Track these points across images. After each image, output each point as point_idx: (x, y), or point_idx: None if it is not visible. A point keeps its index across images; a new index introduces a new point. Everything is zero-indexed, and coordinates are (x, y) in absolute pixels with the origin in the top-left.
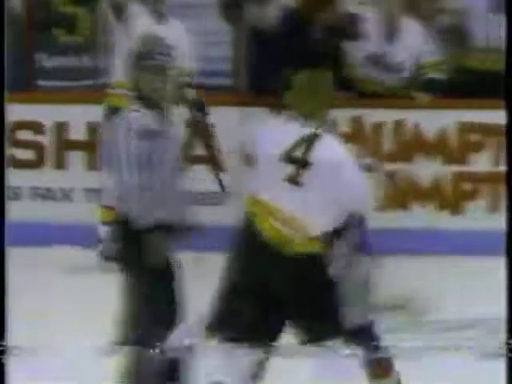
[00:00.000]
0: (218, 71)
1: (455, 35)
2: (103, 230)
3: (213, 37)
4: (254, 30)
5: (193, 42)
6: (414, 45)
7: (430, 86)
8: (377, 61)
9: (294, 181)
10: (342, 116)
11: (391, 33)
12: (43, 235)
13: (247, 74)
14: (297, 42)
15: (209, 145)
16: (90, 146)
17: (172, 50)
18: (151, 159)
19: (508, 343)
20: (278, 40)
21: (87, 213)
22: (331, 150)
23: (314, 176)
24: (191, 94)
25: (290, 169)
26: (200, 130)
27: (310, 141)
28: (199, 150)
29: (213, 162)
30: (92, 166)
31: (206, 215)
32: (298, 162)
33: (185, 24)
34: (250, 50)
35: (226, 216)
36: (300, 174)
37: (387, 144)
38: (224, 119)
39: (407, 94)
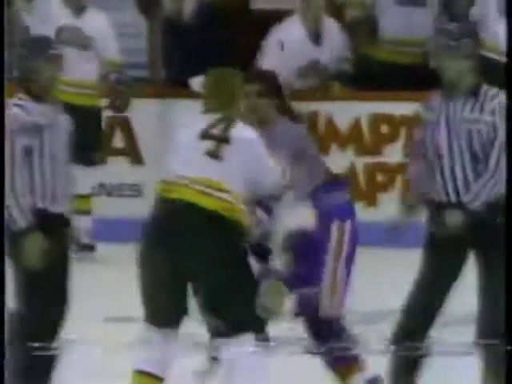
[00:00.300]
0: (134, 63)
1: (364, 27)
2: None
3: (129, 29)
4: (169, 21)
5: (114, 34)
6: (336, 46)
7: (341, 77)
8: (312, 68)
9: (214, 155)
10: None
11: (317, 37)
12: None
13: (163, 66)
14: (211, 34)
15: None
16: None
17: (87, 41)
18: (34, 154)
19: (508, 343)
20: (193, 32)
21: None
22: (245, 130)
23: (232, 151)
24: (118, 86)
25: (209, 144)
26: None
27: (226, 121)
28: (117, 143)
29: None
30: None
31: (123, 207)
32: (217, 138)
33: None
34: (166, 42)
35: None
36: (220, 148)
37: None
38: (142, 110)
39: (321, 86)
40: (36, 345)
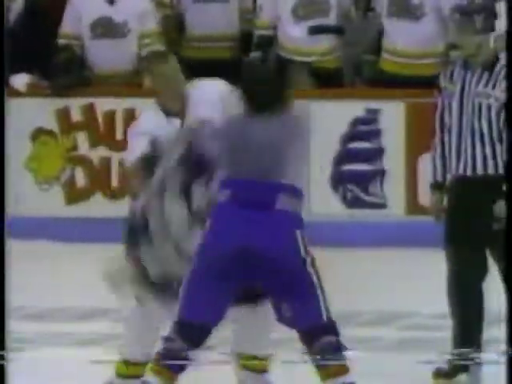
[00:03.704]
0: None
1: (171, 24)
2: None
3: None
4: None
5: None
6: (136, 7)
7: None
8: (103, 25)
9: None
10: (74, 104)
11: None
12: None
13: None
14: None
15: None
16: None
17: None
18: None
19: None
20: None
21: None
22: None
23: None
24: None
25: None
26: None
27: None
28: None
29: None
30: None
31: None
32: None
33: None
34: None
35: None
36: None
37: (119, 133)
38: None
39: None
40: None
